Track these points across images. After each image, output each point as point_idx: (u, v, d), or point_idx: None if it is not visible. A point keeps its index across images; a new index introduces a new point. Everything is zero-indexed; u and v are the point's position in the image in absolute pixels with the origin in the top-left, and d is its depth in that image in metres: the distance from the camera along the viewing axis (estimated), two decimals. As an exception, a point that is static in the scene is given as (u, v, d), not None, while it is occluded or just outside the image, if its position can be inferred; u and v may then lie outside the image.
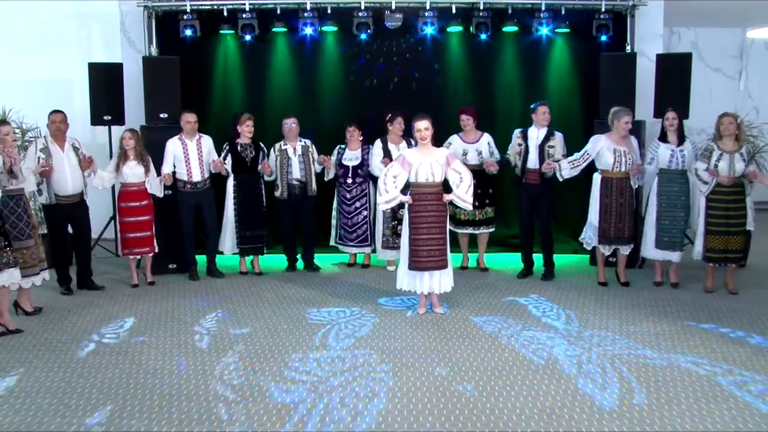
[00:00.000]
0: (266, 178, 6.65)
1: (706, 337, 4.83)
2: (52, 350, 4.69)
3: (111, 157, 6.74)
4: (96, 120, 6.98)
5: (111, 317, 5.40)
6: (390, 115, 6.60)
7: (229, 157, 6.49)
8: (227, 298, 5.91)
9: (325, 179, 6.84)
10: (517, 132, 6.41)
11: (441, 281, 5.36)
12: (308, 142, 6.72)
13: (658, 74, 6.93)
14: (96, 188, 6.27)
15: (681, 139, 5.95)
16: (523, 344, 4.73)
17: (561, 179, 6.11)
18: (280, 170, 6.58)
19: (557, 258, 6.53)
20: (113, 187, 7.01)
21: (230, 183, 6.55)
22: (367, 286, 6.27)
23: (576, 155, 6.08)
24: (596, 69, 6.91)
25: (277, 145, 6.65)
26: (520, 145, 6.31)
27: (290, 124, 6.62)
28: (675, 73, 6.86)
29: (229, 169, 6.50)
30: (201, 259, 6.74)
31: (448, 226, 5.40)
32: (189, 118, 6.37)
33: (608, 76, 6.79)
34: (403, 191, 5.32)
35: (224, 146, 6.54)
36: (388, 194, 5.28)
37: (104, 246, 7.26)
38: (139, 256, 6.31)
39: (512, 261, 6.98)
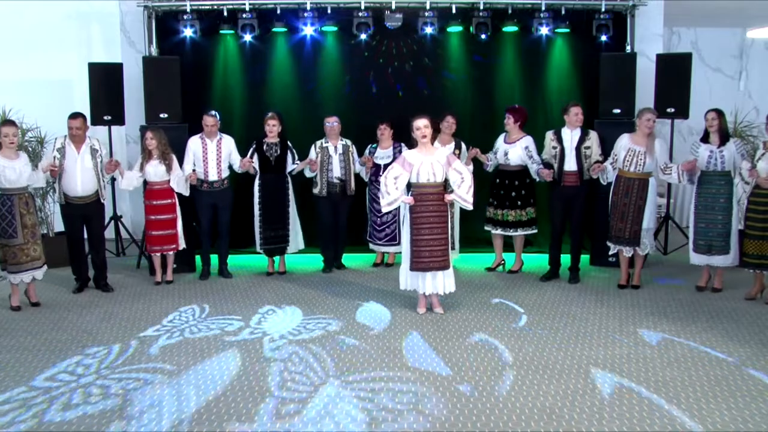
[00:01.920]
0: (308, 174, 6.64)
1: (706, 337, 4.83)
2: (52, 350, 4.69)
3: (111, 157, 6.75)
4: (96, 120, 6.97)
5: (111, 317, 5.41)
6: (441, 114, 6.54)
7: (255, 156, 6.50)
8: (228, 298, 5.90)
9: (365, 179, 6.85)
10: (550, 134, 6.32)
11: (444, 282, 5.36)
12: (348, 141, 6.72)
13: (658, 74, 6.94)
14: (126, 189, 6.41)
15: (724, 140, 5.75)
16: (524, 344, 4.73)
17: (604, 182, 6.09)
18: (320, 168, 6.58)
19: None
20: (114, 188, 7.04)
21: (255, 182, 6.57)
22: (369, 286, 6.27)
23: (611, 159, 6.04)
24: (596, 69, 6.91)
25: (318, 143, 6.65)
26: (554, 147, 6.23)
27: (332, 122, 6.61)
28: (675, 73, 6.86)
29: (257, 168, 6.51)
30: (213, 259, 6.73)
31: (454, 227, 5.36)
32: (206, 122, 6.37)
33: (608, 76, 6.80)
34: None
35: (252, 144, 6.57)
36: (389, 196, 5.27)
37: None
38: (160, 254, 6.34)
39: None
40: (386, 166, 6.61)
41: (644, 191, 5.89)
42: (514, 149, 6.46)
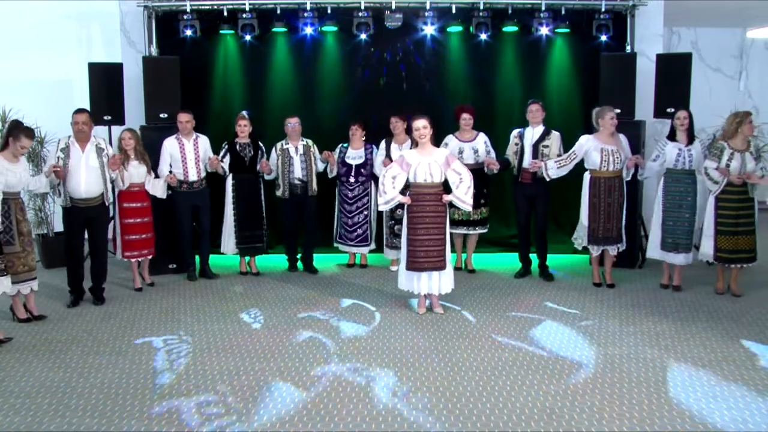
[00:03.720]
0: (266, 177, 6.65)
1: (705, 337, 4.83)
2: (52, 350, 4.69)
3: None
4: (96, 120, 6.91)
5: (111, 317, 5.41)
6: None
7: (228, 156, 6.50)
8: (226, 299, 5.91)
9: (329, 176, 6.83)
10: (514, 132, 6.41)
11: (440, 282, 5.36)
12: (309, 141, 6.72)
13: (658, 74, 6.93)
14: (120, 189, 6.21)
15: (691, 139, 5.85)
16: (524, 344, 4.73)
17: (548, 179, 6.08)
18: (282, 169, 6.58)
19: (558, 258, 6.52)
20: (113, 188, 7.02)
21: (229, 183, 6.57)
22: (366, 287, 6.27)
23: (563, 155, 6.06)
24: (596, 69, 6.91)
25: (278, 144, 6.65)
26: (516, 144, 6.32)
27: (293, 123, 6.61)
28: (675, 73, 6.85)
29: (227, 168, 6.50)
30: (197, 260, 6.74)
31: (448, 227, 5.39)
32: (181, 118, 6.33)
33: (608, 76, 6.79)
34: (405, 192, 5.34)
35: (224, 144, 6.57)
36: (386, 195, 5.28)
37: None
38: (141, 259, 6.25)
39: (512, 261, 6.97)
40: (358, 166, 6.67)
41: (623, 188, 6.00)
42: (480, 145, 6.52)
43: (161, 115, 6.72)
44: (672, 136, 5.92)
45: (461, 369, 4.30)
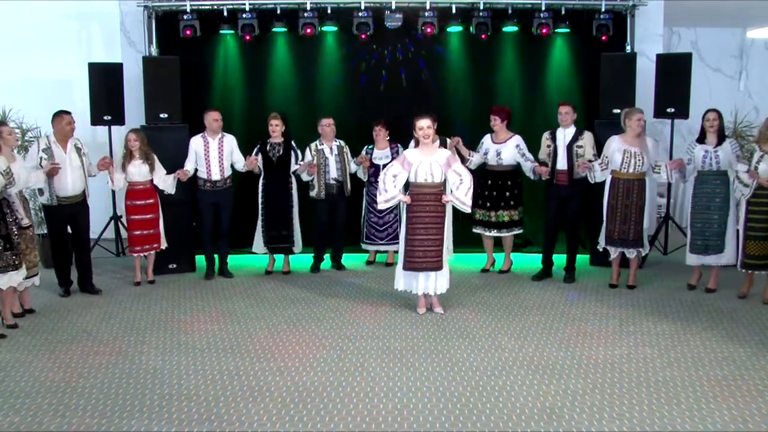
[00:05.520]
0: (304, 178, 6.64)
1: (705, 337, 4.83)
2: (52, 350, 4.69)
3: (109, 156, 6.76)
4: (96, 120, 6.98)
5: (111, 317, 5.40)
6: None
7: (260, 156, 6.52)
8: (228, 298, 5.91)
9: (363, 179, 6.85)
10: (546, 134, 6.36)
11: (437, 282, 5.36)
12: (342, 142, 6.73)
13: (658, 74, 6.93)
14: (115, 189, 6.36)
15: (721, 140, 5.75)
16: (524, 344, 4.73)
17: (593, 181, 6.05)
18: (318, 170, 6.59)
19: (558, 258, 6.50)
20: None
21: (260, 182, 6.59)
22: (369, 287, 6.27)
23: (601, 160, 6.00)
24: (596, 69, 6.90)
25: (313, 145, 6.65)
26: (549, 146, 6.27)
27: (328, 123, 6.63)
28: (675, 73, 6.85)
29: (261, 167, 6.53)
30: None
31: (448, 228, 5.38)
32: (214, 116, 6.39)
33: (608, 76, 6.79)
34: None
35: (258, 144, 6.60)
36: (387, 193, 5.28)
37: (104, 246, 7.26)
38: (144, 254, 6.34)
39: (516, 261, 6.96)
40: (385, 166, 6.63)
41: (643, 191, 5.91)
42: (507, 148, 6.47)
43: (161, 115, 6.72)
44: (701, 139, 5.82)
45: (461, 369, 4.30)
